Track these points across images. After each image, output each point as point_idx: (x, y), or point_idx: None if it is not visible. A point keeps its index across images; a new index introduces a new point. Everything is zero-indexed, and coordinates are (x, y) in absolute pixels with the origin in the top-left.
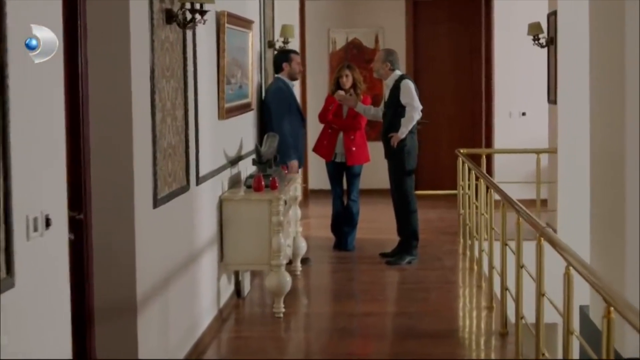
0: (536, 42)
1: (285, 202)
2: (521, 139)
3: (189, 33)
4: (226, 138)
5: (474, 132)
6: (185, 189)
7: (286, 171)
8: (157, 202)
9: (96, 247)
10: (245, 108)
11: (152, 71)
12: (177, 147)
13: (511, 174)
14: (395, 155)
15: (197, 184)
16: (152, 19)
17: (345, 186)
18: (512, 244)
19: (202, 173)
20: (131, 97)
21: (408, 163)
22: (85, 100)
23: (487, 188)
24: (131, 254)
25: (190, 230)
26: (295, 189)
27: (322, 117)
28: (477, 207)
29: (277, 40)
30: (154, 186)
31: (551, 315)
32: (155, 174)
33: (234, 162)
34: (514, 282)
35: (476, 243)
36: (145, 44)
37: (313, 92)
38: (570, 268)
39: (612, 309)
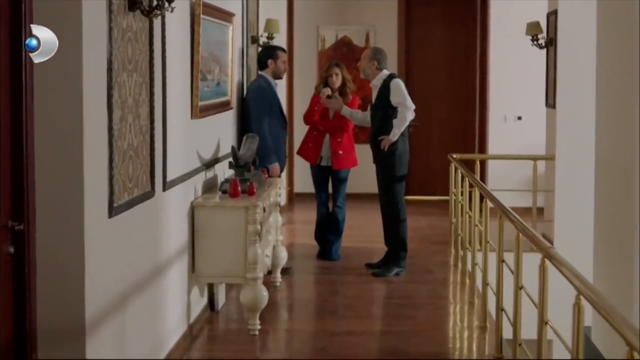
0: (535, 42)
1: (265, 209)
2: (516, 144)
3: (156, 23)
4: (200, 139)
5: (467, 136)
6: (149, 195)
7: (266, 175)
8: (113, 211)
9: (39, 262)
10: (223, 107)
11: (110, 63)
12: (140, 149)
13: (505, 180)
14: (385, 160)
15: (164, 189)
16: (110, 4)
17: (330, 191)
18: (509, 257)
19: (170, 177)
20: (82, 92)
21: (399, 168)
22: (30, 96)
23: (482, 197)
24: (80, 269)
25: (156, 241)
26: (276, 194)
27: (307, 118)
28: (470, 216)
29: (261, 36)
30: (109, 193)
31: (548, 334)
32: (111, 178)
33: (209, 164)
34: (511, 302)
35: (469, 255)
36: (101, 32)
37: (300, 91)
38: (581, 297)
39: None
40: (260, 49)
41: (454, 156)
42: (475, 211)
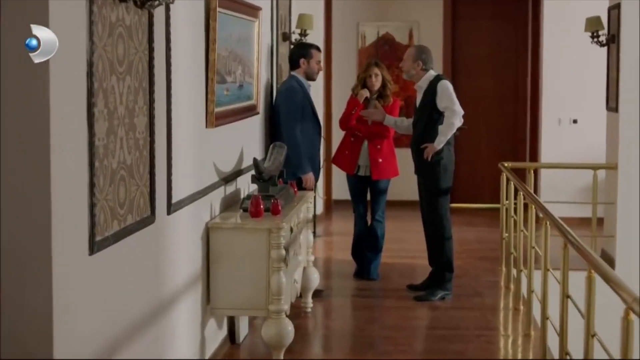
0: (595, 39)
1: (292, 229)
2: (571, 150)
3: (159, 17)
4: (218, 150)
5: (518, 140)
6: (148, 220)
7: (296, 190)
8: (95, 246)
9: (3, 312)
10: (247, 112)
11: (91, 65)
12: (136, 167)
13: (560, 188)
14: (428, 171)
15: (169, 212)
16: None
17: (369, 204)
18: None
19: (177, 197)
20: (49, 103)
21: (444, 180)
22: None
23: (537, 214)
24: (47, 318)
25: (158, 273)
26: (307, 208)
27: (344, 122)
28: (525, 234)
29: (293, 32)
30: (90, 224)
31: None
32: (93, 207)
33: (229, 178)
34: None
35: (523, 277)
36: (79, 27)
37: (338, 93)
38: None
39: None
40: (292, 46)
41: (506, 165)
42: (532, 230)
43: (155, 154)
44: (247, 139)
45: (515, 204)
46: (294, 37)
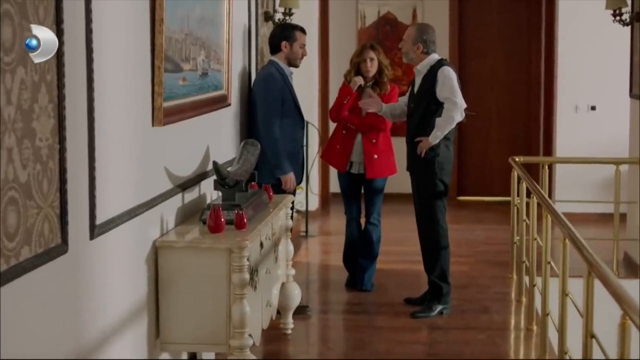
0: (618, 18)
1: (262, 244)
2: (590, 140)
3: None
4: (171, 151)
5: (531, 128)
6: (57, 251)
7: (271, 194)
8: None
9: None
10: (214, 104)
11: None
12: (35, 185)
13: (577, 183)
14: (421, 169)
15: (93, 236)
16: None
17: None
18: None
19: (106, 216)
20: None
21: (439, 180)
22: None
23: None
24: None
25: (80, 310)
26: (286, 215)
27: (334, 113)
28: (539, 243)
29: (276, 11)
30: None
31: None
32: None
33: (188, 184)
34: None
35: (537, 293)
36: None
37: (336, 79)
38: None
39: None
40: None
41: (517, 160)
42: (547, 240)
43: (66, 166)
44: (215, 135)
45: (527, 202)
46: (278, 17)
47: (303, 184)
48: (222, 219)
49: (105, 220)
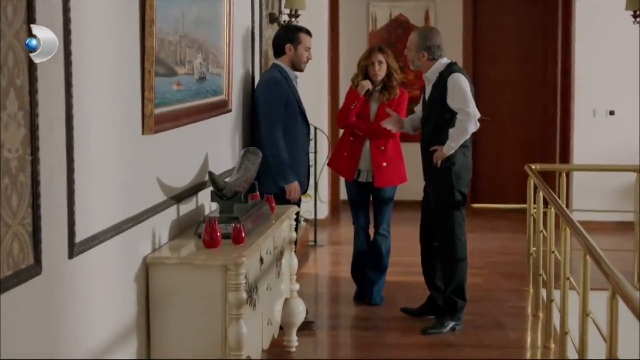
0: (637, 19)
1: (262, 260)
2: (608, 145)
3: None
4: (165, 161)
5: (547, 133)
6: (29, 272)
7: (273, 204)
8: None
9: None
10: (213, 110)
11: None
12: (3, 200)
13: (595, 189)
14: (437, 179)
15: (72, 254)
16: None
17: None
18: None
19: (88, 233)
20: None
21: (457, 190)
22: None
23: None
24: None
25: (58, 335)
26: (289, 227)
27: (341, 119)
28: (558, 257)
29: (281, 13)
30: None
31: None
32: None
33: (184, 195)
34: None
35: (555, 309)
36: None
37: (347, 84)
38: None
39: None
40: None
41: (532, 167)
42: (565, 254)
43: (40, 179)
44: (214, 143)
45: (544, 211)
46: (284, 18)
47: (311, 192)
48: (218, 233)
49: (87, 237)
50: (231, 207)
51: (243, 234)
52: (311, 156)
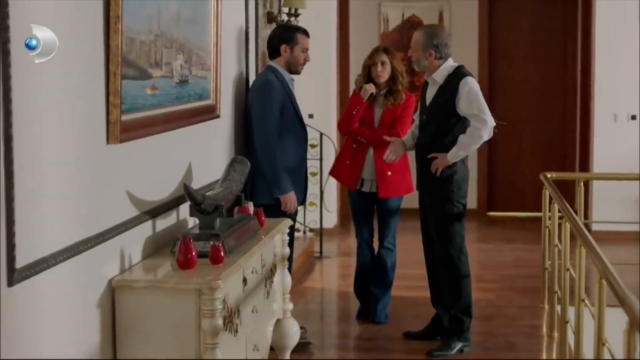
0: None
1: (245, 280)
2: (629, 151)
3: None
4: (136, 172)
5: (566, 138)
6: None
7: (263, 218)
8: None
9: None
10: (198, 115)
11: None
12: None
13: (615, 197)
14: (435, 189)
15: (12, 282)
16: None
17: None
18: None
19: (32, 257)
20: None
21: (457, 201)
22: None
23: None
24: None
25: None
26: (282, 242)
27: (344, 125)
28: (572, 275)
29: (281, 12)
30: None
31: None
32: None
33: (160, 210)
34: None
35: (569, 331)
36: None
37: None
38: None
39: None
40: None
41: (548, 175)
42: (580, 274)
43: None
44: (200, 152)
45: (559, 223)
46: (281, 18)
47: (317, 201)
48: (194, 252)
49: (32, 261)
50: (212, 223)
51: (222, 252)
52: (317, 163)
